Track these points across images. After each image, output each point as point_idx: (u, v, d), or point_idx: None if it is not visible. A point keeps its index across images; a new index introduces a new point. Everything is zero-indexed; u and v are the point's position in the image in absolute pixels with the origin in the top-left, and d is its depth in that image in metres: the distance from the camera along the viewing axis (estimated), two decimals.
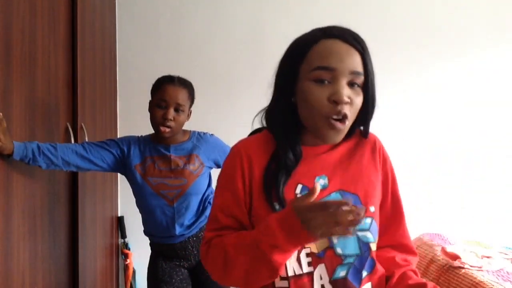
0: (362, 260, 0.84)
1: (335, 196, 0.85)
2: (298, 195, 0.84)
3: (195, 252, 1.73)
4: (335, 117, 0.80)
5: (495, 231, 2.71)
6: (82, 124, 1.80)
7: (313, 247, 0.82)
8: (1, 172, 1.17)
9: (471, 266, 2.11)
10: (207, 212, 1.73)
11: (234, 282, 0.83)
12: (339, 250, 0.82)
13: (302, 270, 0.81)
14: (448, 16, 2.79)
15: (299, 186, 0.85)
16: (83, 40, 1.84)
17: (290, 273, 0.81)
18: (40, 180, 1.44)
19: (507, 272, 2.08)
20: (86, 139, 1.80)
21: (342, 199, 0.72)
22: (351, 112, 0.81)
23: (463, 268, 2.11)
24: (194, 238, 1.72)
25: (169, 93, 1.57)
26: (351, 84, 0.81)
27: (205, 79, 2.66)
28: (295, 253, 0.80)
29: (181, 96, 1.59)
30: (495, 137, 2.81)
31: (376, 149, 0.94)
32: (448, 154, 2.78)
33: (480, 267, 2.11)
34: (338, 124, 0.80)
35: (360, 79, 0.82)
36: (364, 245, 0.84)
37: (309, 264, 0.82)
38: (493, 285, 1.89)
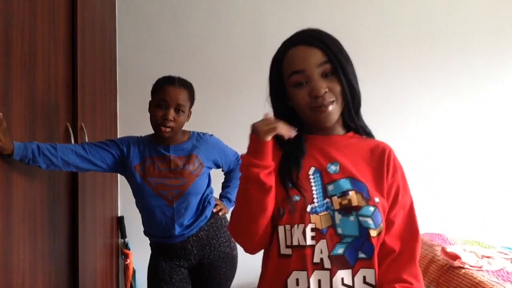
0: (360, 242, 0.91)
1: (344, 182, 0.95)
2: (311, 176, 0.96)
3: (194, 252, 1.73)
4: (321, 107, 0.93)
5: (495, 231, 2.71)
6: (82, 124, 1.80)
7: (318, 223, 0.91)
8: (1, 172, 1.17)
9: (471, 266, 2.11)
10: (207, 212, 1.73)
11: (242, 214, 0.97)
12: (339, 230, 0.91)
13: (306, 242, 0.90)
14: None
15: (312, 168, 0.97)
16: (83, 40, 1.84)
17: (295, 243, 0.91)
18: (40, 180, 1.44)
19: (507, 272, 2.08)
20: (86, 139, 1.80)
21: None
22: (334, 96, 0.94)
23: (463, 268, 2.11)
24: (194, 238, 1.72)
25: (169, 94, 1.58)
26: (324, 75, 0.94)
27: (205, 79, 2.66)
28: (301, 227, 0.90)
29: (182, 96, 1.60)
30: (495, 137, 2.81)
31: (385, 156, 1.00)
32: (448, 154, 2.78)
33: (480, 267, 2.11)
34: (325, 109, 0.93)
35: (327, 67, 0.94)
36: (363, 229, 0.91)
37: (313, 238, 0.91)
38: (493, 285, 1.89)
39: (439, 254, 2.33)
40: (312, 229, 0.91)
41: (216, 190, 1.86)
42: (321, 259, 0.90)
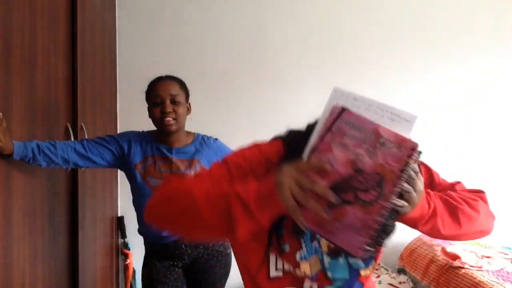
0: (350, 284, 0.87)
1: None
2: None
3: (188, 252, 1.73)
4: None
5: (495, 231, 2.70)
6: (82, 124, 1.80)
7: (307, 270, 0.85)
8: (1, 172, 1.17)
9: (471, 266, 2.12)
10: None
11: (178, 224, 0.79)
12: (329, 274, 0.86)
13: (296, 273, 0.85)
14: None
15: None
16: (83, 40, 1.84)
17: (286, 268, 0.85)
18: (40, 180, 1.44)
19: (507, 272, 2.08)
20: None
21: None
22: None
23: (463, 268, 2.11)
24: (187, 237, 1.71)
25: (160, 88, 1.61)
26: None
27: (205, 79, 2.66)
28: (290, 270, 0.84)
29: (173, 87, 1.62)
30: (495, 136, 2.81)
31: None
32: (447, 154, 2.78)
33: (480, 267, 2.11)
34: None
35: None
36: (353, 271, 0.87)
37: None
38: (493, 285, 1.89)
39: (439, 254, 2.33)
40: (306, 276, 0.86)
41: None
42: None
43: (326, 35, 2.72)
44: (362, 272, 0.88)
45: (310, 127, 0.81)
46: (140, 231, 1.77)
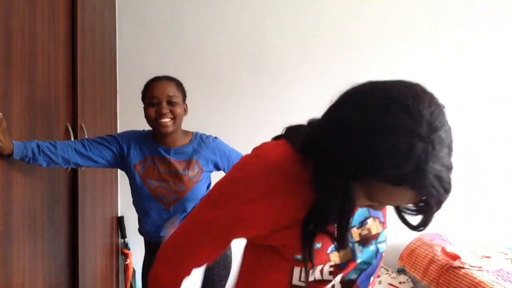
0: (374, 268, 0.87)
1: (362, 209, 0.84)
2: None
3: None
4: None
5: (495, 231, 2.71)
6: (82, 124, 1.80)
7: (337, 260, 0.82)
8: (1, 172, 1.17)
9: (471, 266, 2.12)
10: None
11: None
12: (359, 261, 0.84)
13: (322, 277, 0.82)
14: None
15: None
16: (83, 40, 1.84)
17: (310, 279, 0.82)
18: (40, 180, 1.44)
19: (507, 272, 2.08)
20: None
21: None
22: None
23: (463, 268, 2.11)
24: None
25: (157, 89, 1.58)
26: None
27: (205, 79, 2.66)
28: (319, 267, 0.81)
29: (170, 88, 1.60)
30: (495, 136, 2.81)
31: None
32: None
33: (480, 267, 2.11)
34: None
35: None
36: (379, 254, 0.87)
37: (330, 273, 0.83)
38: (493, 285, 1.89)
39: (439, 254, 2.33)
40: (331, 266, 0.82)
41: None
42: (333, 286, 0.84)
43: (327, 36, 2.72)
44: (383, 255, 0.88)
45: (312, 123, 0.80)
46: (140, 231, 1.77)
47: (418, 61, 2.76)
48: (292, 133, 0.84)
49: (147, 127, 1.68)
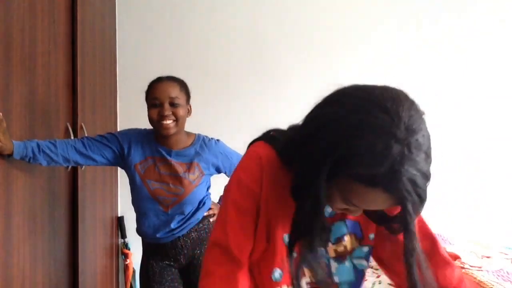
0: (355, 286, 0.86)
1: (339, 225, 0.84)
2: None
3: (185, 252, 1.73)
4: None
5: (495, 231, 2.71)
6: (82, 124, 1.80)
7: (310, 275, 0.81)
8: (1, 172, 1.17)
9: (471, 266, 2.11)
10: (199, 214, 1.72)
11: None
12: (336, 279, 0.83)
13: None
14: None
15: None
16: (83, 40, 1.84)
17: None
18: (40, 180, 1.44)
19: (507, 272, 2.08)
20: None
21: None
22: None
23: (463, 268, 2.11)
24: (184, 238, 1.71)
25: (160, 90, 1.56)
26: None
27: (205, 79, 2.66)
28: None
29: (172, 89, 1.56)
30: (495, 136, 2.80)
31: None
32: (447, 154, 2.78)
33: (480, 267, 2.11)
34: None
35: None
36: (359, 272, 0.85)
37: None
38: (493, 285, 1.89)
39: None
40: (307, 283, 0.82)
41: (218, 190, 1.85)
42: None
43: (327, 36, 2.72)
44: (366, 272, 0.87)
45: (293, 129, 0.80)
46: (137, 231, 1.77)
47: (418, 61, 2.76)
48: (272, 136, 0.84)
49: (147, 127, 1.68)
